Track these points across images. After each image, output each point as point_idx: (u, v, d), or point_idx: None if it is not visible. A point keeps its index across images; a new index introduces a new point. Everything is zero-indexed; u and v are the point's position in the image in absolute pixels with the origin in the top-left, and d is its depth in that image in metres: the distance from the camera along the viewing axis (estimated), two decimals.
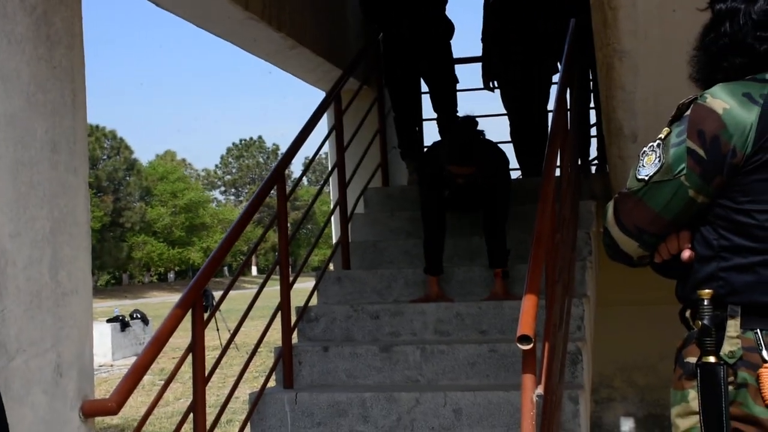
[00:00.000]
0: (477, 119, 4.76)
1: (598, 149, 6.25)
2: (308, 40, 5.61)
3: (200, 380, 3.43)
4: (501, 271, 4.62)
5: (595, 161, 6.32)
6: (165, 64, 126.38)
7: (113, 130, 52.01)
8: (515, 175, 6.11)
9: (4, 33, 2.46)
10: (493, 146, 4.87)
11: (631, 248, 1.96)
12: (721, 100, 1.80)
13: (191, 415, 3.44)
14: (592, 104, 6.15)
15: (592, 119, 6.22)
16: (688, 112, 1.84)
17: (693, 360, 1.83)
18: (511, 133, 6.19)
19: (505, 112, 6.25)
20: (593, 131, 6.33)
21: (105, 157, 50.90)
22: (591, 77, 5.84)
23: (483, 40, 6.15)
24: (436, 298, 4.62)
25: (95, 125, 49.90)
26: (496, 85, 6.14)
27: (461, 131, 4.67)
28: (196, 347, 3.42)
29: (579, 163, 5.61)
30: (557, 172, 4.34)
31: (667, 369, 1.97)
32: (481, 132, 4.70)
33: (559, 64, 5.92)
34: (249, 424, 4.09)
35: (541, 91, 6.04)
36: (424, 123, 6.43)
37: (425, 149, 6.00)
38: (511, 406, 3.80)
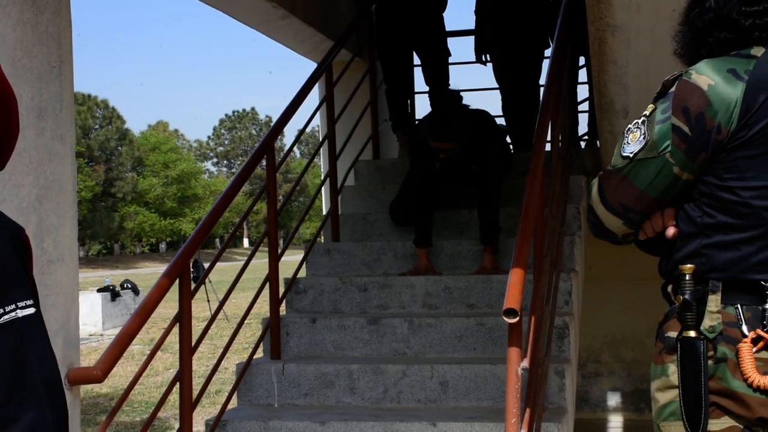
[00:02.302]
0: (460, 93, 4.72)
1: (589, 124, 6.24)
2: (299, 10, 5.56)
3: (187, 350, 3.43)
4: (491, 246, 4.62)
5: (586, 136, 6.32)
6: (160, 35, 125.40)
7: (105, 99, 51.79)
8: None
9: None
10: (485, 121, 4.82)
11: (615, 226, 1.96)
12: (706, 76, 1.79)
13: (178, 384, 3.45)
14: (583, 79, 6.14)
15: (584, 94, 6.21)
16: (673, 89, 1.83)
17: (673, 334, 1.84)
18: (503, 107, 6.17)
19: (497, 86, 6.23)
20: (585, 106, 6.32)
21: (97, 126, 50.65)
22: (582, 52, 5.82)
23: (476, 12, 6.12)
24: (425, 271, 4.63)
25: (87, 94, 49.63)
26: (488, 58, 6.11)
27: (441, 106, 4.64)
28: (183, 317, 3.42)
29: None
30: (547, 147, 4.34)
31: (654, 344, 1.98)
32: (465, 107, 4.66)
33: (550, 38, 5.91)
34: (236, 394, 4.11)
35: (533, 66, 6.02)
36: (416, 96, 6.42)
37: (416, 122, 5.98)
38: (498, 379, 3.83)
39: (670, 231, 1.88)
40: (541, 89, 5.67)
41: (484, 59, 6.12)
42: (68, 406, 2.66)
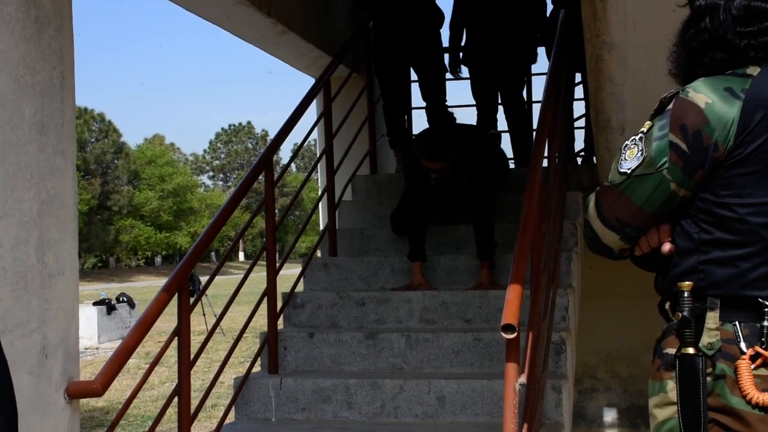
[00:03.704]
0: (453, 115, 4.77)
1: (585, 141, 6.27)
2: (298, 25, 5.60)
3: (185, 364, 3.43)
4: (487, 261, 4.63)
5: (583, 152, 6.35)
6: (157, 50, 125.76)
7: (102, 112, 51.84)
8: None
9: None
10: (477, 136, 4.85)
11: (612, 241, 1.98)
12: (703, 94, 1.82)
13: (176, 398, 3.45)
14: (579, 96, 6.17)
15: (580, 111, 6.24)
16: (671, 106, 1.85)
17: (672, 351, 1.85)
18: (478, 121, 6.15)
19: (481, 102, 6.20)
20: (581, 122, 6.35)
21: (93, 139, 50.64)
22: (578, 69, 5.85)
23: (451, 27, 6.09)
24: (418, 286, 4.64)
25: (84, 108, 49.65)
26: (463, 71, 6.12)
27: (433, 127, 4.70)
28: (182, 331, 3.43)
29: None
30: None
31: (650, 360, 1.99)
32: (457, 126, 4.71)
33: (537, 52, 5.97)
34: (233, 408, 4.11)
35: (517, 80, 6.02)
36: (413, 111, 6.45)
37: (413, 137, 6.00)
38: (495, 394, 3.83)
39: (666, 247, 1.90)
40: (534, 105, 5.72)
41: (459, 73, 6.11)
42: (67, 420, 2.67)
